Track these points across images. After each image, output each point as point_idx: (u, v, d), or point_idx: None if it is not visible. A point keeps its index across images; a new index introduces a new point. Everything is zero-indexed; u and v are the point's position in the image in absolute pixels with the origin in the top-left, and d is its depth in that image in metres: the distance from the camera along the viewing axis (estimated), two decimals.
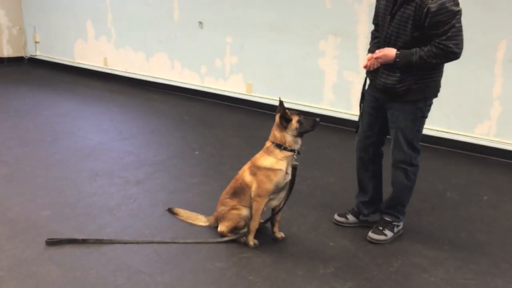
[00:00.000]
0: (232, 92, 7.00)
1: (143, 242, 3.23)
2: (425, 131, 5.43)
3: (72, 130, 5.61)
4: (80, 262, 2.99)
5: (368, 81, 3.41)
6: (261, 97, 6.73)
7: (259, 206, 3.16)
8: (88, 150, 4.96)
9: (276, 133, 3.15)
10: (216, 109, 6.81)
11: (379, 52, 3.08)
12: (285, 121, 3.12)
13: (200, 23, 7.08)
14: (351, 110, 5.98)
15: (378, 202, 3.57)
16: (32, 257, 3.02)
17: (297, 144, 3.15)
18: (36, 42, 9.48)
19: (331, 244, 3.33)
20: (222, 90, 7.10)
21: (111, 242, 3.21)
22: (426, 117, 3.21)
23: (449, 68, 5.15)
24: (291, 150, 3.12)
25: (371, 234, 3.37)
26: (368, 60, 3.17)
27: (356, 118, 5.88)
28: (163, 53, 7.64)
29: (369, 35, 5.71)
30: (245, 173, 3.21)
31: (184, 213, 3.57)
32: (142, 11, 7.69)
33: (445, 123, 5.37)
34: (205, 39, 7.10)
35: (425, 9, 2.82)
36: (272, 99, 6.59)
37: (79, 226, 3.41)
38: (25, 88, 7.59)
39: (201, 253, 3.15)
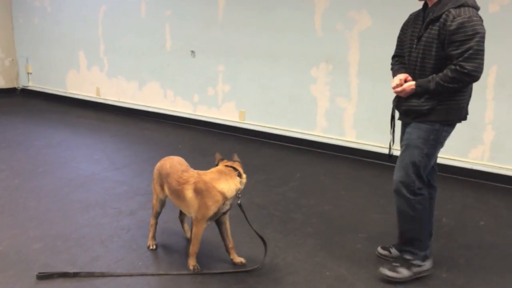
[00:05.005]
0: (225, 120, 7.01)
1: (136, 274, 3.17)
2: None
3: (64, 160, 5.56)
4: None
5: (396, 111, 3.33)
6: (254, 125, 6.73)
7: (199, 230, 3.15)
8: (80, 180, 4.91)
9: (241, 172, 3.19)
10: (209, 137, 6.80)
11: (399, 91, 3.06)
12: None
13: (193, 52, 7.12)
14: (344, 137, 5.98)
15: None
16: None
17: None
18: (28, 73, 9.49)
19: (328, 273, 3.27)
20: (215, 118, 7.10)
21: (103, 275, 3.14)
22: (439, 143, 3.07)
23: None
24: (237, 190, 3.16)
25: (382, 269, 3.18)
26: (396, 87, 3.10)
27: (349, 145, 5.94)
28: (156, 82, 7.65)
29: (360, 63, 5.81)
30: (188, 187, 3.15)
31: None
32: (134, 41, 7.73)
33: None
34: (197, 68, 7.13)
35: (447, 28, 2.84)
36: (265, 127, 6.59)
37: (70, 259, 3.35)
38: (17, 119, 7.56)
39: (195, 284, 3.09)
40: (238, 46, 6.65)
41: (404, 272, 3.15)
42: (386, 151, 5.61)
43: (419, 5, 3.15)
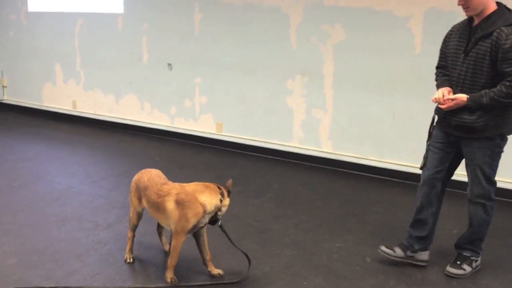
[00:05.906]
0: (202, 132, 7.02)
1: None
2: (394, 166, 5.57)
3: (40, 174, 5.51)
4: None
5: (436, 119, 3.44)
6: (231, 137, 6.75)
7: (178, 244, 3.17)
8: (56, 194, 4.86)
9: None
10: (186, 149, 6.80)
11: (451, 102, 3.14)
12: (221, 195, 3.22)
13: (169, 64, 7.13)
14: (320, 147, 6.05)
15: (429, 240, 3.59)
16: None
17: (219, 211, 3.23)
18: (3, 86, 9.37)
19: (305, 283, 3.31)
20: (192, 130, 7.11)
21: None
22: (502, 152, 3.28)
23: (416, 105, 5.30)
24: (218, 210, 3.20)
25: (449, 269, 3.46)
26: (443, 103, 3.18)
27: (326, 155, 6.01)
28: (133, 95, 7.63)
29: (334, 75, 5.88)
30: (170, 199, 3.17)
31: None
32: (111, 54, 7.71)
33: (413, 158, 5.46)
34: (174, 80, 7.14)
35: (500, 46, 2.94)
36: (242, 138, 6.63)
37: (46, 274, 3.32)
38: None
39: None
40: (215, 59, 6.69)
41: (467, 269, 3.44)
42: (361, 162, 5.73)
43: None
